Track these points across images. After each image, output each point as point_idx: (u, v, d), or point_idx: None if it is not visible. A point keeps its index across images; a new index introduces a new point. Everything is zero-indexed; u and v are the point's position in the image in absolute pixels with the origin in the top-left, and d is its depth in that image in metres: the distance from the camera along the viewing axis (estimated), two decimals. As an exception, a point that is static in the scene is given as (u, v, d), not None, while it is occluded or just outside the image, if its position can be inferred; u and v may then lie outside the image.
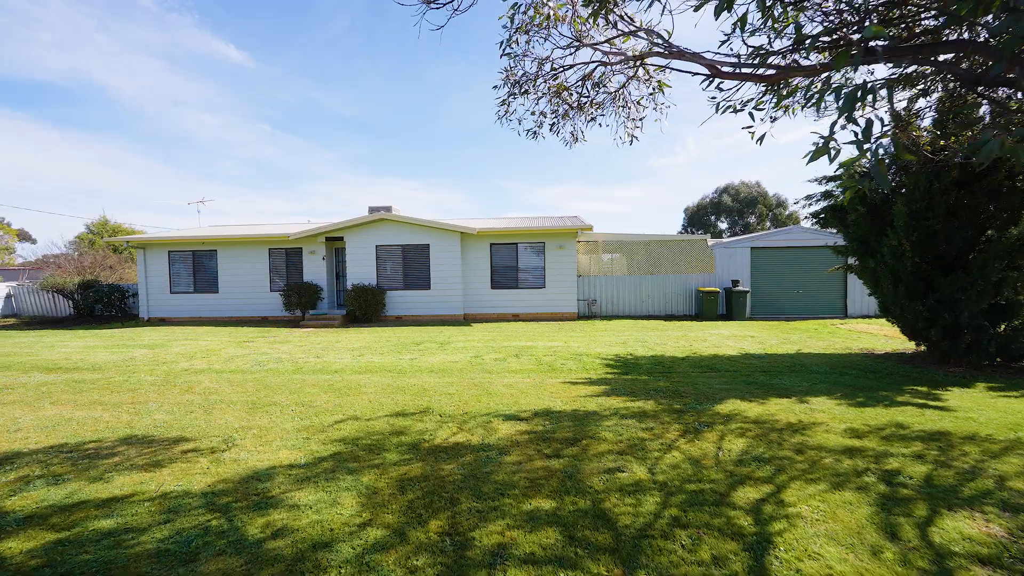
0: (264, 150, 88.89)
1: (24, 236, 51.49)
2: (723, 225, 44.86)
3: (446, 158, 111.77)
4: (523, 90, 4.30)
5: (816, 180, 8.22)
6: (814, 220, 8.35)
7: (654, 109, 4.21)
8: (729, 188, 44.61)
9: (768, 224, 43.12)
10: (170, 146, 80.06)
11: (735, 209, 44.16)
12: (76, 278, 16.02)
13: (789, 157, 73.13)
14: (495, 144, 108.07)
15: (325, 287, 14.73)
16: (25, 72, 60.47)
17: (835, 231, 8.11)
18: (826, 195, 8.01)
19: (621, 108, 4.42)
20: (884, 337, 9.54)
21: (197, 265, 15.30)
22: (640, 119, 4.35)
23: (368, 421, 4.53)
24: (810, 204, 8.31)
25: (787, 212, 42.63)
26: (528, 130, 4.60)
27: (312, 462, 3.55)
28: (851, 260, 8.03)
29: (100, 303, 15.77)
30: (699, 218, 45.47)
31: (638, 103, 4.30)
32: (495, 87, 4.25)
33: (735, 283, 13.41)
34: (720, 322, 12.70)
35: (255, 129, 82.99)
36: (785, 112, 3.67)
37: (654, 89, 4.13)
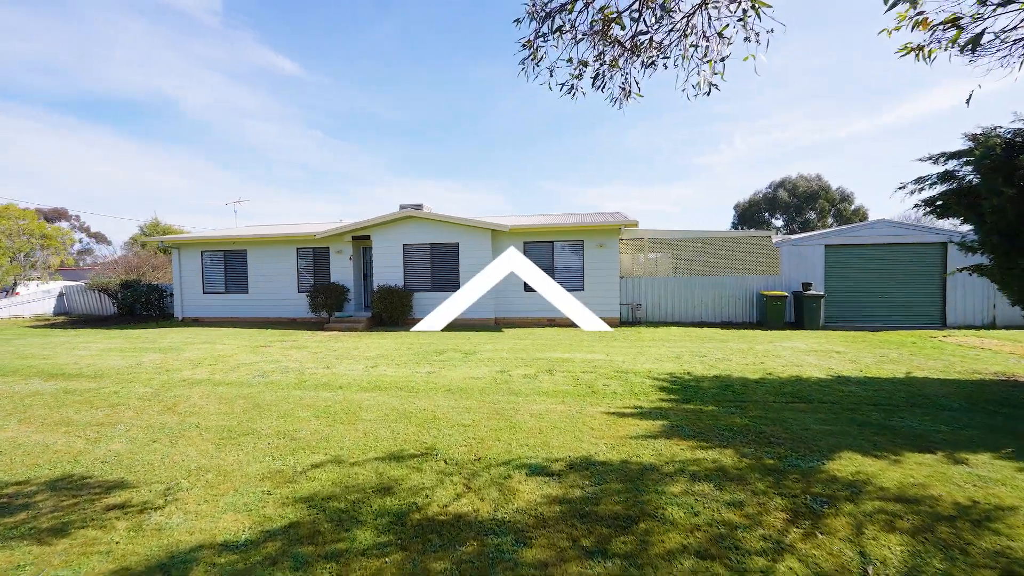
0: (317, 155, 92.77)
1: (100, 238, 55.87)
2: (778, 223, 41.50)
3: (488, 160, 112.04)
4: (555, 26, 3.13)
5: (930, 158, 6.51)
6: (927, 208, 6.63)
7: (745, 39, 2.91)
8: (785, 182, 41.29)
9: (831, 221, 39.48)
10: (232, 154, 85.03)
11: (792, 205, 40.78)
12: (117, 278, 16.30)
13: (854, 147, 67.29)
14: (536, 144, 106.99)
15: (352, 288, 14.11)
16: (106, 89, 65.77)
17: (960, 221, 6.38)
18: (946, 176, 6.29)
19: (693, 47, 3.16)
20: (1012, 356, 7.60)
21: (228, 265, 15.12)
22: (723, 59, 3.07)
23: (352, 467, 3.50)
24: (921, 188, 6.60)
25: (853, 207, 38.84)
26: (563, 84, 3.43)
27: (256, 539, 2.54)
28: (984, 259, 6.26)
29: (138, 302, 15.95)
30: (751, 215, 42.34)
31: (719, 35, 3.02)
32: (516, 22, 3.11)
33: (806, 286, 11.57)
34: (789, 332, 10.93)
35: (309, 135, 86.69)
36: None
37: (745, 11, 2.84)
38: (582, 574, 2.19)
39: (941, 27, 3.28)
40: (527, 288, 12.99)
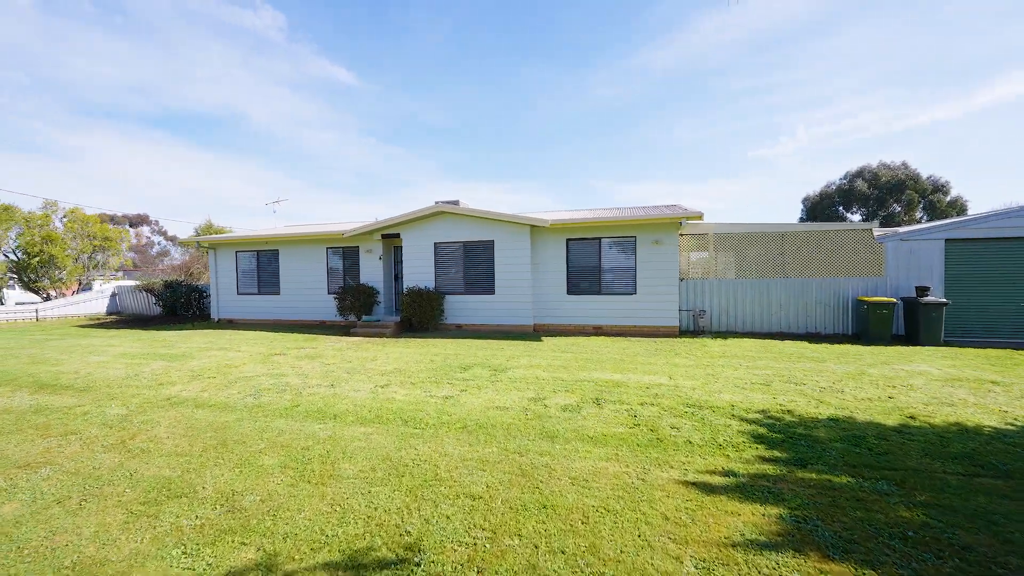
0: (371, 161, 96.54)
1: (176, 241, 61.23)
2: (856, 217, 37.08)
3: (536, 160, 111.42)
4: None
5: None
6: None
7: None
8: (864, 172, 36.91)
9: (919, 215, 34.79)
10: (293, 161, 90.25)
11: (872, 197, 36.38)
12: (160, 279, 16.44)
13: (939, 134, 59.53)
14: (584, 142, 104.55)
15: (382, 290, 13.20)
16: (188, 106, 71.60)
17: None
18: None
19: None
20: None
21: (261, 266, 14.72)
22: None
23: (284, 583, 2.23)
24: None
25: (948, 198, 33.97)
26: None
27: None
28: None
29: (178, 303, 15.97)
30: (823, 209, 38.14)
31: None
32: None
33: (922, 291, 9.25)
34: (902, 348, 8.71)
35: (363, 142, 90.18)
36: None
37: None
38: None
39: None
40: (571, 291, 11.48)
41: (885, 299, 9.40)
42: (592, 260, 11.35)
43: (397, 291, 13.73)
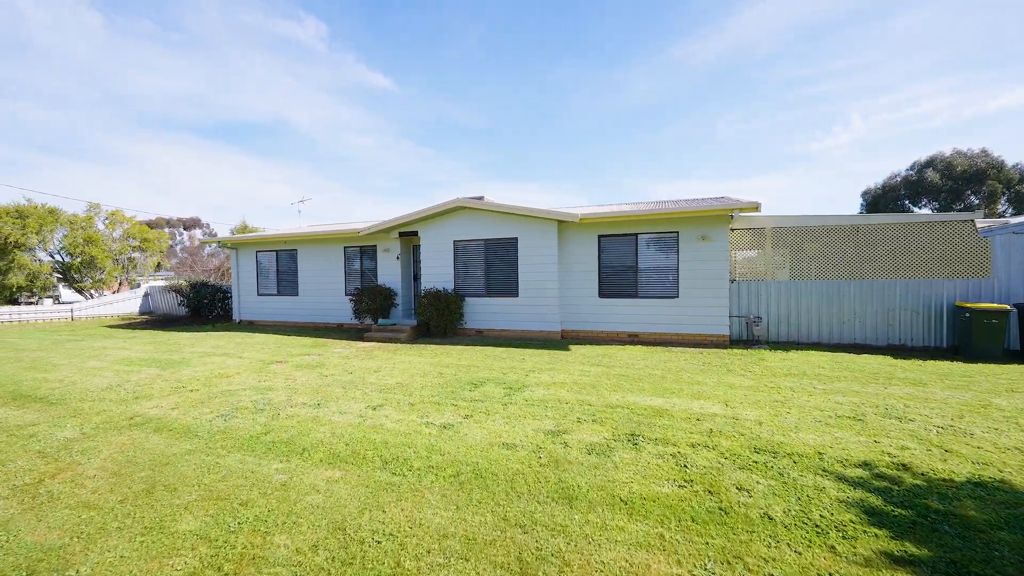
0: (406, 164, 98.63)
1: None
2: (926, 211, 33.48)
3: (569, 160, 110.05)
4: None
5: None
6: None
7: None
8: (936, 160, 33.26)
9: (1003, 208, 31.04)
10: (334, 165, 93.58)
11: (945, 188, 32.71)
12: (186, 279, 16.40)
13: (1016, 119, 52.94)
14: (618, 141, 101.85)
15: (400, 291, 12.42)
16: (237, 115, 75.55)
17: None
18: None
19: None
20: None
21: (280, 266, 14.31)
22: None
23: None
24: None
25: (1039, 188, 29.91)
26: None
27: None
28: None
29: (202, 304, 15.86)
30: (887, 203, 34.77)
31: None
32: None
33: (1045, 296, 7.43)
34: (1021, 367, 6.95)
35: (399, 146, 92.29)
36: None
37: None
38: None
39: None
40: (603, 294, 10.24)
41: (995, 306, 7.62)
42: (628, 259, 10.06)
43: (416, 292, 12.90)
